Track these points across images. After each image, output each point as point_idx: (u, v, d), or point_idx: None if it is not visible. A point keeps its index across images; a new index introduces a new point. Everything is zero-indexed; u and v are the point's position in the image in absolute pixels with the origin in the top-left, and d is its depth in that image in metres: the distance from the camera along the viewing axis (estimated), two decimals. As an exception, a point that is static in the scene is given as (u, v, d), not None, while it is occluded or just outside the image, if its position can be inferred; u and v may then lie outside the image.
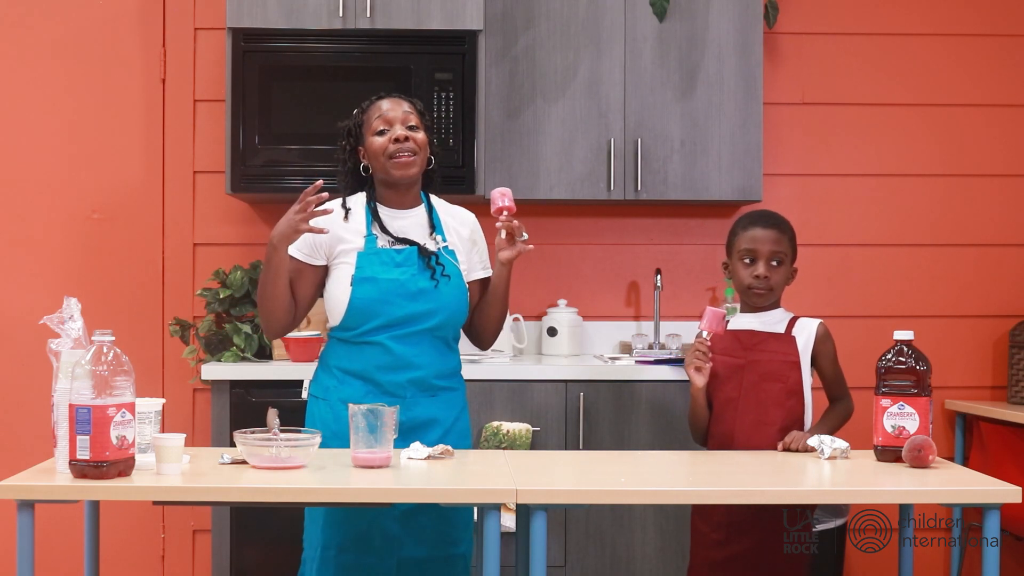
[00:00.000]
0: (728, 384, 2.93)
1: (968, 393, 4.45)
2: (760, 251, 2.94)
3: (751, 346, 2.93)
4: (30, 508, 2.26)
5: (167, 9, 4.37)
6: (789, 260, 2.98)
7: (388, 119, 2.87)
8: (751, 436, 2.88)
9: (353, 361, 2.85)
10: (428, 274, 2.84)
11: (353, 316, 2.83)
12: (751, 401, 2.90)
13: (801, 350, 2.92)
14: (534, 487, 2.34)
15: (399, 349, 2.82)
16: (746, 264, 2.96)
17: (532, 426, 3.77)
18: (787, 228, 3.00)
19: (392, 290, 2.81)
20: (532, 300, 4.42)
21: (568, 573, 3.83)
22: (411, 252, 2.85)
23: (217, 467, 2.49)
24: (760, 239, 2.95)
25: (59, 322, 2.39)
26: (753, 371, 2.91)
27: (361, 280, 2.82)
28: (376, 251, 2.85)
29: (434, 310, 2.83)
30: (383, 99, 2.92)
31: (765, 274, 2.93)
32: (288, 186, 3.97)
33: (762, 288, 2.94)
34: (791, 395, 2.90)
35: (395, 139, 2.84)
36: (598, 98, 4.11)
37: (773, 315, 2.97)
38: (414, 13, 3.98)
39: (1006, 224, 4.50)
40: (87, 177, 4.36)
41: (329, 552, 2.81)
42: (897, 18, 4.49)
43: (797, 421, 2.91)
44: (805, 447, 2.77)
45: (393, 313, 2.81)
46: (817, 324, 2.96)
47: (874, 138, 4.49)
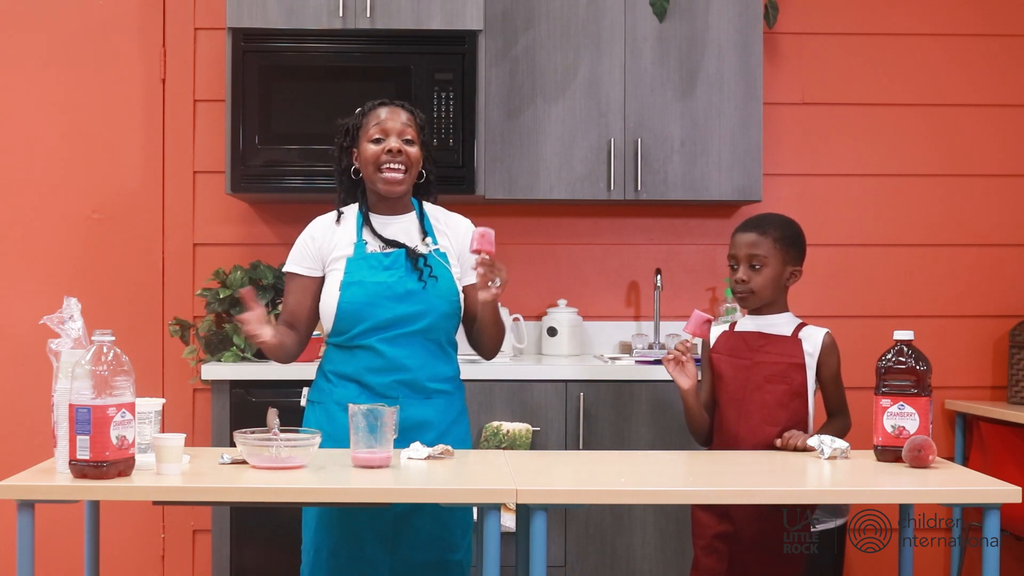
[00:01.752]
0: (733, 385, 2.93)
1: (968, 393, 4.45)
2: (738, 255, 2.95)
3: (757, 347, 2.93)
4: (30, 508, 2.26)
5: (167, 9, 4.38)
6: (776, 262, 2.93)
7: (385, 129, 2.85)
8: (757, 436, 2.88)
9: (346, 365, 2.85)
10: (416, 276, 2.83)
11: (342, 320, 2.83)
12: (756, 402, 2.90)
13: (807, 354, 2.91)
14: (534, 487, 2.34)
15: (389, 351, 2.81)
16: (732, 269, 2.97)
17: (532, 426, 3.77)
18: (772, 230, 2.95)
19: (379, 293, 2.81)
20: (532, 300, 4.42)
21: (568, 573, 3.83)
22: (399, 255, 2.85)
23: (217, 467, 2.49)
24: (738, 243, 2.96)
25: (59, 322, 2.39)
26: (759, 372, 2.91)
27: (349, 284, 2.82)
28: (364, 256, 2.85)
29: (422, 312, 2.82)
30: (384, 106, 2.90)
31: (742, 278, 2.93)
32: (288, 186, 3.98)
33: (743, 292, 2.94)
34: (796, 397, 2.90)
35: (388, 150, 2.83)
36: (598, 98, 4.11)
37: (779, 318, 2.97)
38: (414, 13, 3.98)
39: (1006, 224, 4.50)
40: (87, 177, 4.37)
41: (321, 554, 2.80)
42: (897, 18, 4.49)
43: (801, 423, 2.91)
44: (803, 446, 2.78)
45: (380, 315, 2.81)
46: (824, 333, 2.95)
47: (874, 138, 4.49)
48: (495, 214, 4.36)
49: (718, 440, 2.97)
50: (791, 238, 2.98)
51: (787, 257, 2.95)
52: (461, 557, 2.87)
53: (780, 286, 2.95)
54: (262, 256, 4.25)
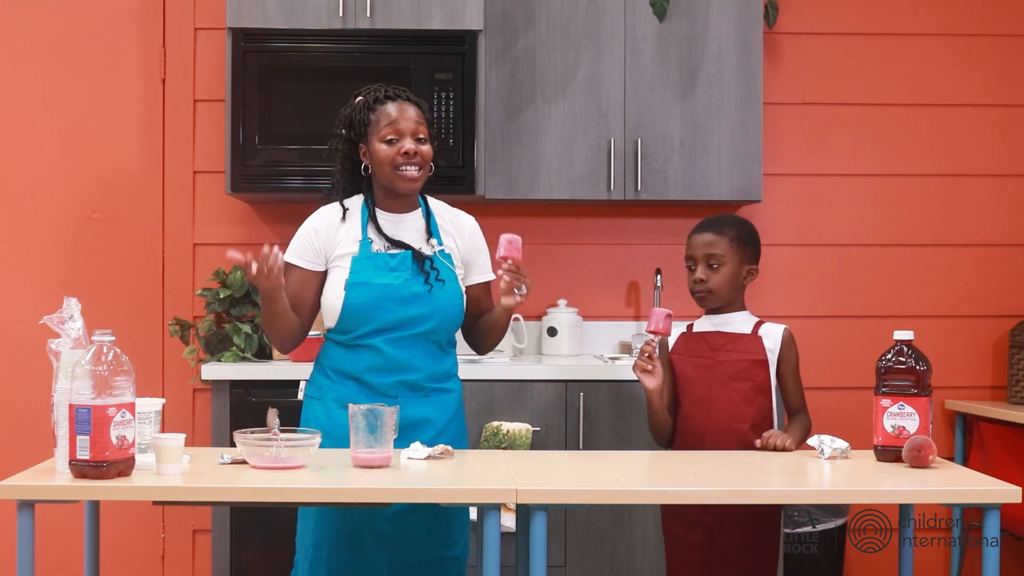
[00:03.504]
0: (697, 384, 2.92)
1: (968, 393, 4.45)
2: (695, 255, 2.96)
3: (718, 346, 2.94)
4: (30, 508, 2.26)
5: (167, 9, 4.38)
6: (733, 261, 2.93)
7: (399, 130, 2.83)
8: (724, 435, 2.88)
9: (346, 362, 2.85)
10: (422, 279, 2.83)
11: (347, 320, 2.83)
12: (722, 400, 2.90)
13: (768, 350, 2.93)
14: (534, 487, 2.34)
15: (392, 352, 2.81)
16: (690, 270, 2.98)
17: (532, 426, 3.77)
18: (728, 230, 2.96)
19: (385, 295, 2.80)
20: (532, 300, 4.42)
21: (568, 573, 3.83)
22: (405, 256, 2.84)
23: (217, 467, 2.49)
24: (694, 244, 2.97)
25: (59, 322, 2.39)
26: (722, 370, 2.92)
27: (355, 285, 2.81)
28: (370, 255, 2.84)
29: (428, 315, 2.82)
30: (392, 102, 2.86)
31: (700, 277, 2.94)
32: (288, 186, 3.98)
33: (701, 291, 2.95)
34: (760, 392, 2.91)
35: (404, 152, 2.82)
36: (598, 98, 4.11)
37: (737, 316, 2.97)
38: (414, 13, 3.98)
39: (1006, 224, 4.50)
40: (87, 177, 4.37)
41: (321, 552, 2.80)
42: (897, 18, 4.49)
43: (767, 419, 2.92)
44: (782, 445, 2.78)
45: (386, 318, 2.81)
46: (783, 329, 2.96)
47: (874, 138, 4.49)
48: (495, 214, 4.36)
49: (680, 441, 2.97)
50: (747, 237, 2.99)
51: (743, 256, 2.96)
52: (458, 553, 2.87)
53: (737, 285, 2.96)
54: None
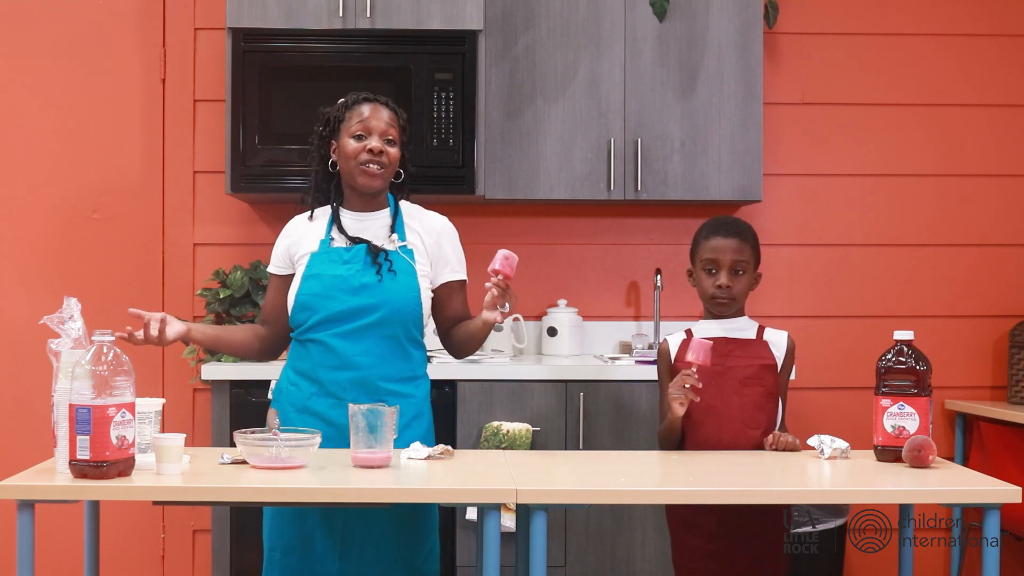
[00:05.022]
0: (707, 392, 2.88)
1: (968, 393, 4.45)
2: (722, 260, 2.92)
3: (727, 353, 2.91)
4: (30, 508, 2.26)
5: (167, 9, 4.38)
6: (752, 268, 2.94)
7: (368, 127, 2.85)
8: (739, 441, 2.86)
9: (301, 360, 2.85)
10: (374, 270, 2.82)
11: (298, 312, 2.84)
12: (735, 406, 2.88)
13: (775, 355, 2.92)
14: (534, 487, 2.34)
15: (341, 346, 2.80)
16: (709, 273, 2.94)
17: (532, 426, 3.77)
18: (749, 236, 2.96)
19: (334, 285, 2.81)
20: (532, 300, 4.42)
21: (568, 573, 3.83)
22: (360, 249, 2.85)
23: (217, 467, 2.49)
24: (722, 248, 2.93)
25: (59, 322, 2.40)
26: (732, 376, 2.90)
27: (308, 277, 2.84)
28: (327, 251, 2.86)
29: (376, 304, 2.80)
30: (368, 102, 2.89)
31: (727, 283, 2.91)
32: (288, 186, 3.97)
33: (725, 297, 2.92)
34: (770, 397, 2.90)
35: (369, 149, 2.83)
36: (598, 98, 4.11)
37: (739, 322, 2.96)
38: (414, 13, 3.98)
39: (1006, 224, 4.50)
40: (87, 177, 4.37)
41: (274, 554, 2.81)
42: (897, 18, 4.49)
43: (775, 424, 2.91)
44: (791, 446, 2.78)
45: (333, 307, 2.80)
46: (788, 336, 2.96)
47: (874, 138, 4.49)
48: (495, 214, 4.36)
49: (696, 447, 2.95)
50: (758, 243, 3.00)
51: (757, 263, 2.99)
52: (419, 563, 2.82)
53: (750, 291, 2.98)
54: (262, 256, 4.24)
